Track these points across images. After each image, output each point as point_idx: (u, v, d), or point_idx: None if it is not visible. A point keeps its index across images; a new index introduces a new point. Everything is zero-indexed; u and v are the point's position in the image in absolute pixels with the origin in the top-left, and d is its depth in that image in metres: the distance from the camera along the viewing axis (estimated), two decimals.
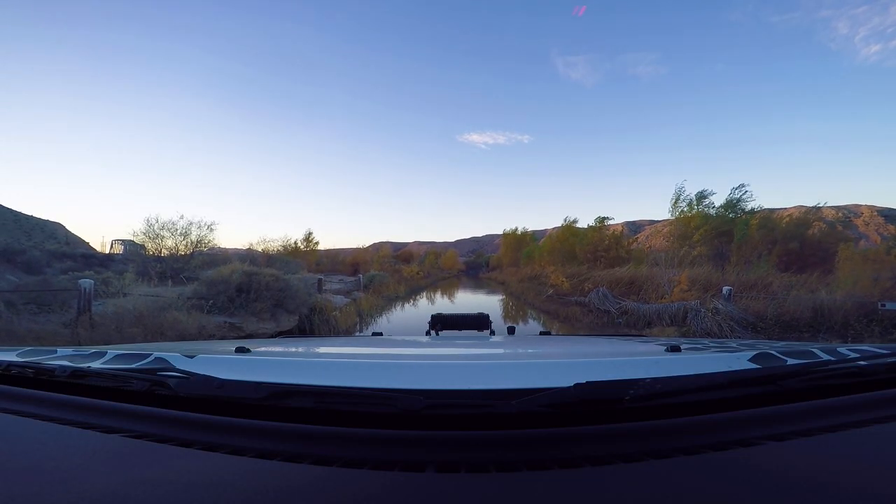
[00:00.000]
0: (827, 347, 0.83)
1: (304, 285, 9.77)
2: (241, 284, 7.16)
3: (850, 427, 0.55)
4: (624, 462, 0.46)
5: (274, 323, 7.32)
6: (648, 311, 8.67)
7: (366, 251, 32.23)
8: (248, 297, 7.17)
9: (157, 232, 17.80)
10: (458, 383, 0.60)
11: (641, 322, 8.61)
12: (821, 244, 14.42)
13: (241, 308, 7.04)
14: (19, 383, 0.74)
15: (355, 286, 16.59)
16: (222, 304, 6.98)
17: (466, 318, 2.07)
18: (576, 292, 13.16)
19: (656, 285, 11.18)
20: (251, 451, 0.50)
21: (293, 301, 7.68)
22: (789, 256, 13.68)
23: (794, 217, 16.42)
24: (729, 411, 0.57)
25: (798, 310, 7.06)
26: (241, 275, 7.25)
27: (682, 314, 7.96)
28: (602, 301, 10.11)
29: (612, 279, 12.81)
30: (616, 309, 9.62)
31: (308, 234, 28.72)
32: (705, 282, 9.85)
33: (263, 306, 7.16)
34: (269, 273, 7.58)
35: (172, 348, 0.96)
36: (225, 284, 7.04)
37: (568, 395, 0.52)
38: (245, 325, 6.85)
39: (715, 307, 7.11)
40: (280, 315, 7.52)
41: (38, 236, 40.65)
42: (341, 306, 10.30)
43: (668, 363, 0.75)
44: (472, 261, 58.60)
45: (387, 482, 0.43)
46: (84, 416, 0.61)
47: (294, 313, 7.87)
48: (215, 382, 0.59)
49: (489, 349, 1.34)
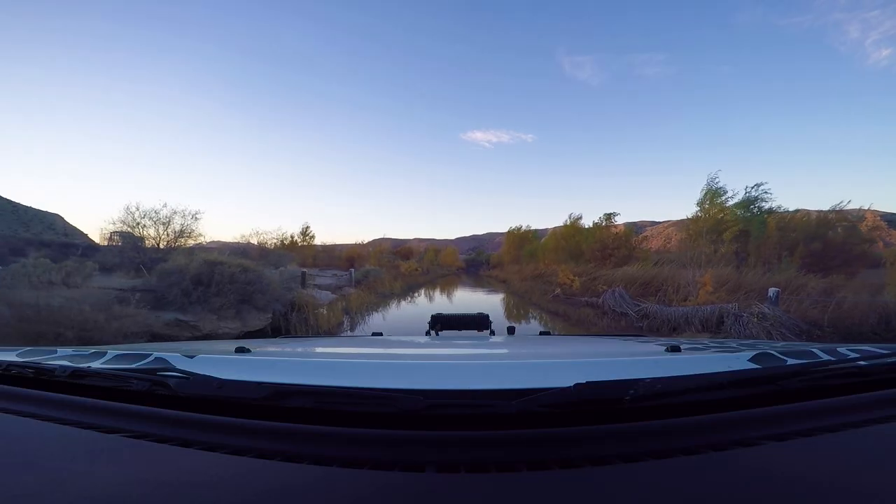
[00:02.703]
0: (827, 347, 0.83)
1: (283, 279, 8.68)
2: (199, 276, 6.05)
3: (850, 427, 0.55)
4: (624, 462, 0.46)
5: (239, 322, 6.22)
6: (674, 315, 7.55)
7: (364, 247, 31.22)
8: (208, 290, 6.06)
9: (137, 221, 16.81)
10: (458, 383, 0.61)
11: (666, 327, 7.51)
12: (844, 245, 13.77)
13: (198, 303, 5.93)
14: (19, 383, 0.73)
15: (348, 282, 15.53)
16: (175, 298, 5.87)
17: (466, 319, 2.03)
18: (586, 292, 12.05)
19: (677, 286, 10.09)
20: (251, 451, 0.50)
21: (264, 297, 6.57)
22: (812, 258, 12.97)
23: (815, 217, 15.72)
24: (729, 411, 0.57)
25: (858, 315, 5.95)
26: (200, 264, 6.14)
27: (715, 319, 6.85)
28: (619, 303, 8.98)
29: (625, 279, 11.69)
30: (635, 312, 8.50)
31: (305, 228, 27.85)
32: (733, 283, 8.75)
33: (226, 302, 6.06)
34: (236, 263, 6.47)
35: (172, 348, 0.95)
36: (179, 275, 5.92)
37: (568, 395, 0.52)
38: (202, 324, 5.76)
39: (761, 311, 5.98)
40: (247, 313, 6.42)
41: (36, 227, 39.95)
42: (326, 303, 9.20)
43: (668, 363, 0.75)
44: (472, 258, 57.38)
45: (387, 482, 0.43)
46: (84, 416, 0.61)
47: (265, 311, 6.77)
48: (215, 382, 0.59)
49: (489, 349, 1.33)
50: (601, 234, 19.63)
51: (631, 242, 19.65)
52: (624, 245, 18.93)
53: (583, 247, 20.34)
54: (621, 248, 18.70)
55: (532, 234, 34.98)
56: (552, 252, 23.62)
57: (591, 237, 20.05)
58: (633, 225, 22.14)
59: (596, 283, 12.33)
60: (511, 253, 34.50)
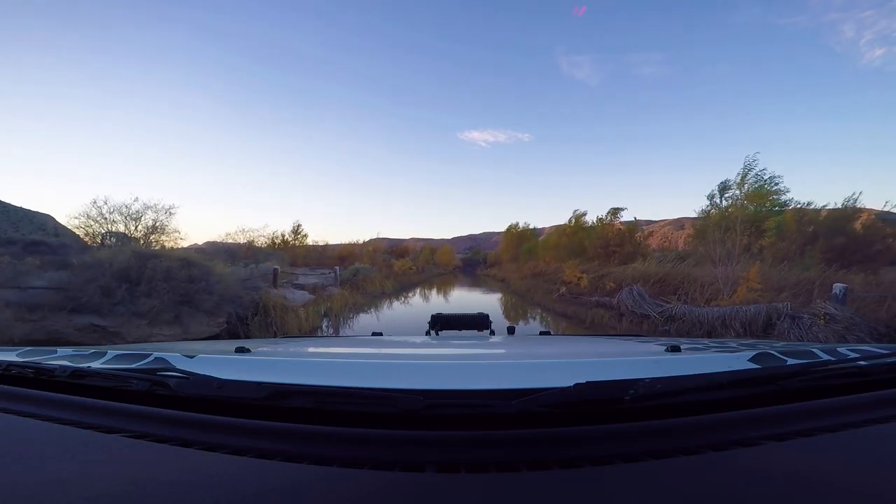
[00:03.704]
0: (827, 347, 0.83)
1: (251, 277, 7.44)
2: (125, 271, 4.81)
3: (850, 427, 0.55)
4: (624, 462, 0.46)
5: (179, 328, 4.99)
6: (708, 317, 6.39)
7: (358, 246, 29.97)
8: (137, 289, 4.81)
9: (104, 216, 15.53)
10: (458, 383, 0.61)
11: (698, 331, 6.35)
12: (865, 239, 13.11)
13: (122, 305, 4.69)
14: (19, 383, 0.73)
15: (333, 281, 14.30)
16: (93, 298, 4.62)
17: (466, 318, 2.02)
18: (595, 291, 10.89)
19: (700, 284, 8.97)
20: (251, 451, 0.50)
21: (211, 297, 5.33)
22: (832, 253, 12.31)
23: (836, 210, 15.08)
24: (729, 411, 0.57)
25: None
26: (128, 257, 4.89)
27: (762, 320, 5.69)
28: (638, 303, 7.80)
29: (636, 277, 10.54)
30: (658, 313, 7.33)
31: (297, 226, 26.63)
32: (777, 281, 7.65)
33: (159, 304, 4.81)
34: (175, 257, 5.22)
35: (172, 348, 0.96)
36: (98, 270, 4.67)
37: (568, 395, 0.52)
38: (125, 330, 4.52)
39: (827, 312, 4.82)
40: (191, 317, 5.18)
41: (26, 227, 38.54)
42: (301, 305, 7.95)
43: (668, 363, 0.74)
44: (469, 257, 56.28)
45: (387, 482, 0.43)
46: (84, 416, 0.61)
47: (216, 314, 5.53)
48: (215, 382, 0.59)
49: (489, 349, 1.33)
50: (606, 230, 18.68)
51: (635, 239, 18.81)
52: (628, 242, 18.12)
53: (585, 243, 19.55)
54: (625, 244, 17.91)
55: (531, 231, 33.96)
56: (553, 249, 22.83)
57: (596, 234, 19.22)
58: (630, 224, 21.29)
59: (605, 282, 11.16)
60: (509, 251, 33.50)
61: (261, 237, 22.83)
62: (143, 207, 15.59)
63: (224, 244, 21.08)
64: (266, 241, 23.18)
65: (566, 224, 22.98)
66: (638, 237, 19.54)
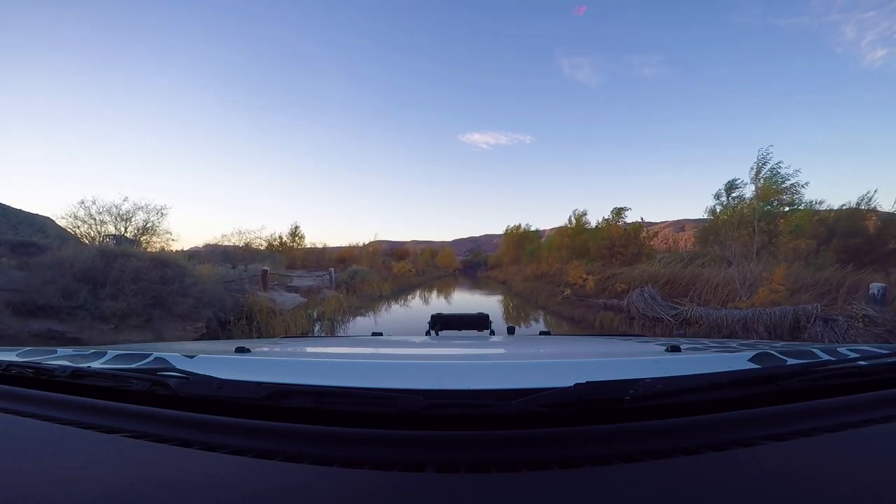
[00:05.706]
0: (827, 347, 0.82)
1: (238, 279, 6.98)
2: (89, 271, 4.35)
3: (850, 427, 0.54)
4: (624, 462, 0.46)
5: (150, 334, 4.52)
6: (729, 320, 5.91)
7: (357, 248, 29.57)
8: (102, 291, 4.36)
9: (93, 216, 15.17)
10: (458, 383, 0.60)
11: (717, 335, 5.87)
12: (879, 238, 12.92)
13: (84, 308, 4.22)
14: (19, 383, 0.73)
15: (329, 283, 13.85)
16: (52, 301, 4.16)
17: (466, 319, 2.03)
18: (601, 293, 10.42)
19: (714, 285, 8.51)
20: (251, 451, 0.50)
21: (186, 301, 4.86)
22: (846, 253, 12.09)
23: (851, 210, 14.61)
24: (729, 411, 0.56)
25: None
26: (92, 257, 4.44)
27: (788, 323, 5.21)
28: (649, 305, 7.31)
29: (644, 278, 10.05)
30: (672, 316, 6.85)
31: (294, 228, 26.26)
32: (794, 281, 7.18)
33: (126, 307, 4.35)
34: (147, 256, 4.77)
35: (172, 348, 0.97)
36: (58, 270, 4.22)
37: (568, 395, 0.52)
38: (85, 337, 4.06)
39: (866, 314, 4.35)
40: (164, 322, 4.71)
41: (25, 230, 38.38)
42: (290, 308, 7.48)
43: (668, 363, 0.74)
44: (469, 259, 55.75)
45: (387, 482, 0.43)
46: (84, 416, 0.61)
47: (194, 319, 5.06)
48: (215, 382, 0.59)
49: (489, 349, 1.33)
50: (611, 230, 18.22)
51: (640, 239, 18.34)
52: (633, 242, 17.62)
53: (589, 244, 19.07)
54: (630, 245, 17.42)
55: (533, 233, 33.50)
56: (555, 251, 22.37)
57: (600, 234, 18.72)
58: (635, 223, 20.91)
59: (612, 283, 10.68)
60: (510, 253, 32.98)
61: (258, 239, 22.52)
62: (133, 208, 15.25)
63: (222, 246, 20.74)
64: (264, 243, 22.88)
65: (567, 224, 22.61)
66: (643, 238, 19.11)
